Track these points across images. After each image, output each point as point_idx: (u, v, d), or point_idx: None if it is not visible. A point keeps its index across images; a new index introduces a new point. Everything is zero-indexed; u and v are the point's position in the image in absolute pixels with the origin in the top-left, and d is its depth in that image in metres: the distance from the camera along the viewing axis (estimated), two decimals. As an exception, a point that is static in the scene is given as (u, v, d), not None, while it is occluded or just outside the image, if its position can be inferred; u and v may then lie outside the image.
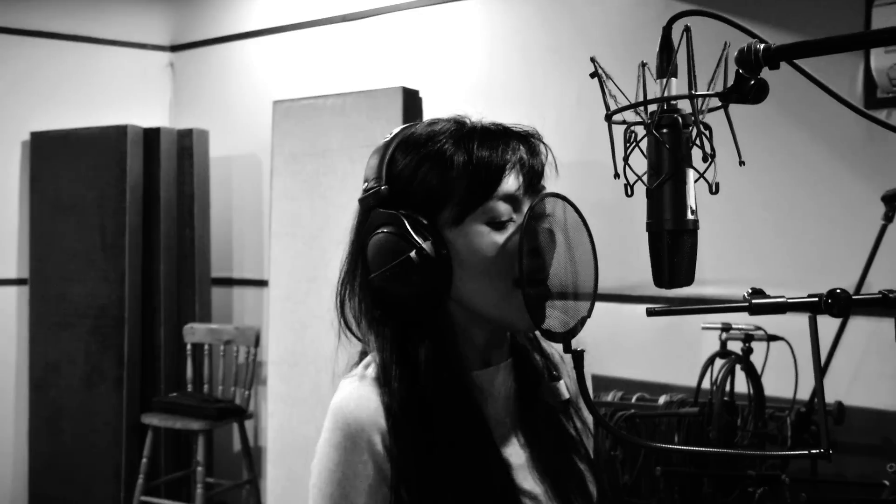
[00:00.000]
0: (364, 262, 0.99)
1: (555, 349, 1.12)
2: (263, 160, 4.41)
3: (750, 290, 0.82)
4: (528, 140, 1.00)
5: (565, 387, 0.95)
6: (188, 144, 4.33)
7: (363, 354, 1.07)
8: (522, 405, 1.05)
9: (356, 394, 0.98)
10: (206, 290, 4.43)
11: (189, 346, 4.16)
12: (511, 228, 0.96)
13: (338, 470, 0.95)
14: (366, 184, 1.00)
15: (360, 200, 1.00)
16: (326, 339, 1.07)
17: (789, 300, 0.80)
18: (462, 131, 0.98)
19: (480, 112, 1.03)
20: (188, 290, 4.33)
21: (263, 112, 4.13)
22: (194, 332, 4.18)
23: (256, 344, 4.05)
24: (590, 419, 1.11)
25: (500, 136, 0.97)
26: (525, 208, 0.96)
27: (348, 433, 0.95)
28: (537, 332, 1.07)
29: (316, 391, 3.53)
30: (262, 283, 4.43)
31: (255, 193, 4.55)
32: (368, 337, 1.03)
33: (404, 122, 1.04)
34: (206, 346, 4.21)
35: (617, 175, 0.79)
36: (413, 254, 0.93)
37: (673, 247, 0.76)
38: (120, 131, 4.12)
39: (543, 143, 1.01)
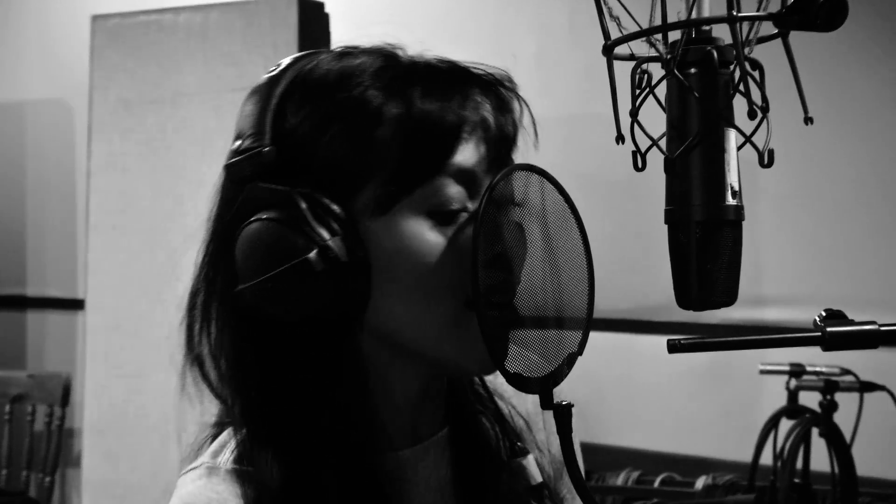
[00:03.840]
0: (230, 267, 0.98)
1: (516, 406, 1.13)
2: (76, 109, 4.35)
3: (824, 314, 0.84)
4: (497, 90, 1.00)
5: (536, 465, 0.96)
6: (-45, 84, 4.25)
7: (218, 427, 1.06)
8: (467, 498, 1.06)
9: (203, 497, 0.98)
10: (-16, 317, 4.35)
11: (-44, 406, 4.08)
12: (464, 222, 0.97)
13: None
14: (238, 142, 0.99)
15: (229, 167, 0.99)
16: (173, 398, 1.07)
17: (882, 328, 0.82)
18: (395, 71, 0.98)
19: (421, 41, 1.03)
20: (-45, 317, 4.24)
21: (76, 34, 4.07)
22: (-36, 382, 4.10)
23: (64, 401, 3.98)
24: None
25: (454, 83, 0.98)
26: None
27: None
28: (495, 378, 1.08)
29: (161, 476, 3.49)
30: (74, 305, 4.38)
31: (62, 162, 4.49)
32: (230, 392, 1.02)
33: (301, 51, 1.03)
34: (-17, 406, 4.14)
35: (621, 138, 0.80)
36: (313, 255, 0.92)
37: (705, 247, 0.78)
38: None
39: (518, 95, 1.02)
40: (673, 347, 0.82)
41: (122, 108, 3.66)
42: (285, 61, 1.03)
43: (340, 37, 3.38)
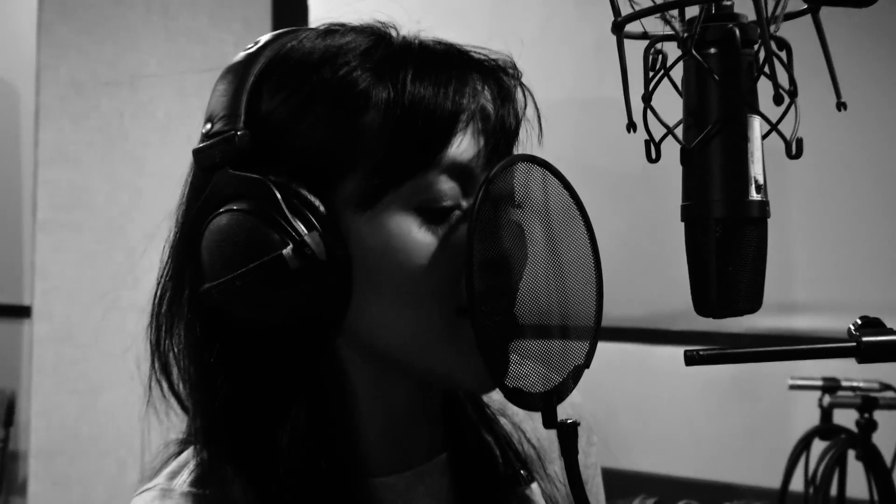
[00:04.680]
0: (197, 263, 0.98)
1: (527, 432, 1.14)
2: (23, 92, 4.36)
3: (860, 322, 0.84)
4: (498, 76, 1.01)
5: (542, 496, 0.95)
6: None
7: (182, 445, 1.06)
8: None
9: None
10: (-81, 326, 4.34)
11: None
12: (457, 221, 0.97)
13: None
14: (209, 125, 0.99)
15: (198, 152, 0.99)
16: (137, 412, 1.07)
17: (925, 338, 0.82)
18: (386, 51, 0.98)
19: (413, 16, 1.04)
20: None
21: (22, 7, 4.07)
22: None
23: (8, 421, 3.98)
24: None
25: (452, 67, 0.98)
26: None
27: None
28: (494, 394, 1.09)
29: (116, 501, 3.49)
30: (19, 312, 4.38)
31: (6, 151, 4.49)
32: (192, 404, 1.02)
33: (276, 27, 1.02)
34: (-83, 426, 4.13)
35: (632, 125, 0.80)
36: (288, 251, 0.92)
37: (726, 247, 0.78)
38: None
39: (522, 83, 1.03)
40: (691, 359, 0.82)
41: (73, 91, 3.65)
42: (264, 38, 1.03)
43: (319, 8, 3.40)
